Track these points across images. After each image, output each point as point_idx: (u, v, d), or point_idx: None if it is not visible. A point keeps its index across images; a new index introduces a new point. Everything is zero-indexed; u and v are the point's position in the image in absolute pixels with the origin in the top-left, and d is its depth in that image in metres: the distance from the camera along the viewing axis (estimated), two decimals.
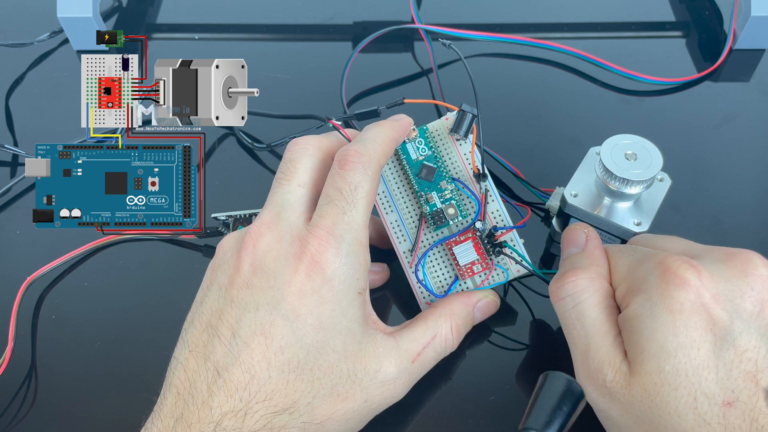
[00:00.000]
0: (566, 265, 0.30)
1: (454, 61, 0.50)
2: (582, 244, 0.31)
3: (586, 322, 0.28)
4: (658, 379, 0.25)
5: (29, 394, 0.35)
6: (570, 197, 0.35)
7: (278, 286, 0.27)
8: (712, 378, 0.24)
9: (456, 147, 0.34)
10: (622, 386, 0.26)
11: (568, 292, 0.28)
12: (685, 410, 0.24)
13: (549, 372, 0.29)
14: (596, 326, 0.27)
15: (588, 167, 0.36)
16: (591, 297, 0.28)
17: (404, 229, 0.34)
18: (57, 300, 0.38)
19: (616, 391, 0.26)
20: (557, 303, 0.29)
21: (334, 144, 0.32)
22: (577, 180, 0.36)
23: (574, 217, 0.36)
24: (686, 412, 0.24)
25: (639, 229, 0.34)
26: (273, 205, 0.30)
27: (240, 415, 0.25)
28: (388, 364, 0.28)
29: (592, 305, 0.28)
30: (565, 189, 0.36)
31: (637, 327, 0.26)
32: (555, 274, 0.30)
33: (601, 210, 0.35)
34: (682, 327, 0.25)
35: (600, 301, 0.28)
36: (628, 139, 0.34)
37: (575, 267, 0.29)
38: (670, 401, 0.24)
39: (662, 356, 0.25)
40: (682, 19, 0.53)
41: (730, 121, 0.46)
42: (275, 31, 0.55)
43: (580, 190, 0.36)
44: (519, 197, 0.42)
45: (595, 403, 0.27)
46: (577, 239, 0.31)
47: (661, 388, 0.25)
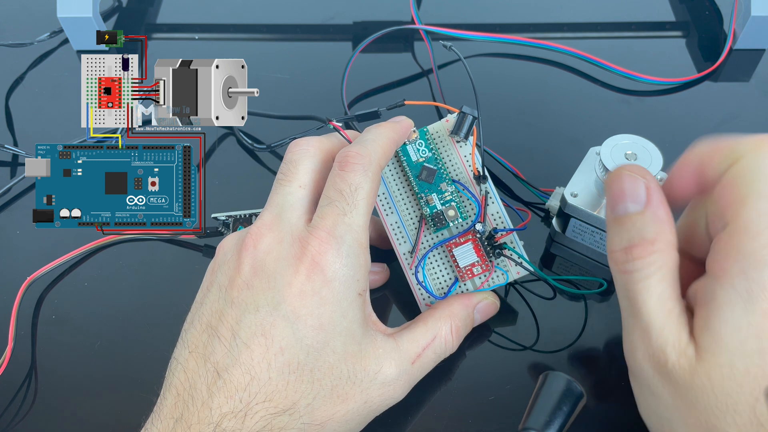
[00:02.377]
0: (628, 230, 0.26)
1: (455, 61, 0.50)
2: (643, 200, 0.26)
3: (651, 297, 0.25)
4: (727, 373, 0.24)
5: (29, 394, 0.35)
6: (570, 197, 0.35)
7: (278, 287, 0.27)
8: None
9: (456, 149, 0.34)
10: (685, 371, 0.24)
11: (636, 267, 0.26)
12: (743, 408, 0.23)
13: (549, 372, 0.29)
14: (662, 303, 0.25)
15: (588, 167, 0.36)
16: (660, 271, 0.25)
17: (404, 231, 0.34)
18: (57, 300, 0.38)
19: (676, 373, 0.25)
20: (621, 275, 0.26)
21: (335, 145, 0.32)
22: (577, 180, 0.36)
23: (574, 217, 0.36)
24: (744, 409, 0.23)
25: None
26: (274, 206, 0.30)
27: (240, 416, 0.25)
28: (388, 365, 0.28)
29: (659, 280, 0.25)
30: (565, 189, 0.36)
31: (722, 315, 0.24)
32: (614, 239, 0.27)
33: (600, 210, 0.35)
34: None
35: (668, 275, 0.26)
36: (628, 139, 0.34)
37: (643, 238, 0.26)
38: (731, 396, 0.24)
39: (738, 354, 0.24)
40: (682, 19, 0.53)
41: (730, 121, 0.46)
42: (275, 31, 0.55)
43: (580, 190, 0.35)
44: (519, 197, 0.42)
45: (647, 380, 0.26)
46: (636, 193, 0.26)
47: (727, 383, 0.24)
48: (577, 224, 0.36)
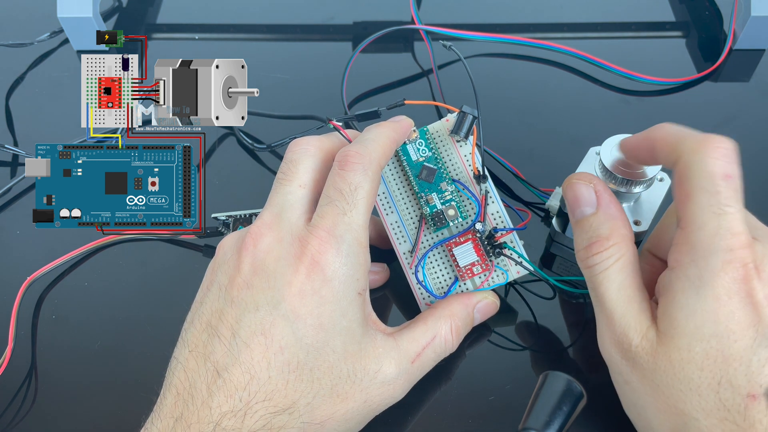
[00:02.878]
0: (585, 229, 0.29)
1: (455, 61, 0.50)
2: (593, 202, 0.29)
3: (611, 287, 0.28)
4: (686, 356, 0.25)
5: (29, 394, 0.35)
6: None
7: (278, 286, 0.27)
8: (742, 370, 0.24)
9: (456, 148, 0.34)
10: (647, 353, 0.26)
11: (596, 261, 0.28)
12: (707, 391, 0.24)
13: (549, 372, 0.29)
14: (622, 291, 0.28)
15: (588, 167, 0.36)
16: (617, 262, 0.28)
17: (404, 230, 0.34)
18: (57, 300, 0.38)
19: (640, 356, 0.26)
20: (586, 270, 0.29)
21: (335, 145, 0.32)
22: None
23: None
24: (708, 393, 0.24)
25: (638, 229, 0.34)
26: (274, 206, 0.30)
27: (239, 415, 0.25)
28: (387, 364, 0.28)
29: (617, 270, 0.28)
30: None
31: (678, 301, 0.26)
32: (577, 239, 0.30)
33: None
34: (725, 317, 0.25)
35: (626, 266, 0.28)
36: None
37: (599, 236, 0.28)
38: (693, 379, 0.25)
39: (695, 338, 0.25)
40: (682, 19, 0.53)
41: (730, 121, 0.46)
42: (275, 31, 0.55)
43: None
44: (519, 197, 0.42)
45: (617, 366, 0.28)
46: (586, 197, 0.30)
47: (687, 365, 0.25)
48: None
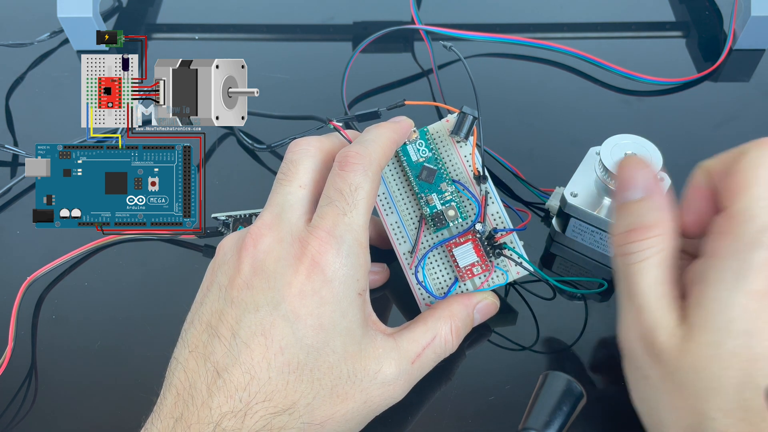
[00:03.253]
0: (629, 214, 0.27)
1: (455, 61, 0.50)
2: (645, 187, 0.28)
3: (645, 280, 0.26)
4: (713, 353, 0.24)
5: (29, 394, 0.35)
6: (570, 197, 0.35)
7: (278, 287, 0.27)
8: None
9: (456, 149, 0.34)
10: (673, 351, 0.25)
11: (633, 249, 0.27)
12: (729, 391, 0.24)
13: (549, 372, 0.29)
14: (656, 286, 0.26)
15: (588, 167, 0.36)
16: (657, 256, 0.26)
17: (404, 231, 0.34)
18: (57, 300, 0.38)
19: (664, 353, 0.25)
20: (620, 258, 0.27)
21: (336, 145, 0.32)
22: (577, 180, 0.36)
23: (574, 217, 0.36)
24: (730, 392, 0.24)
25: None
26: (274, 206, 0.30)
27: (240, 415, 0.25)
28: (387, 365, 0.28)
29: (655, 264, 0.26)
30: (565, 189, 0.36)
31: (712, 293, 0.25)
32: (617, 223, 0.28)
33: (601, 210, 0.35)
34: (758, 315, 0.24)
35: (664, 260, 0.26)
36: (628, 139, 0.34)
37: (642, 224, 0.27)
38: (717, 377, 0.24)
39: (726, 333, 0.24)
40: (682, 19, 0.53)
41: (730, 121, 0.46)
42: (275, 31, 0.55)
43: (580, 190, 0.35)
44: (519, 197, 0.42)
45: (637, 361, 0.27)
46: (637, 182, 0.28)
47: (712, 363, 0.24)
48: (577, 224, 0.36)
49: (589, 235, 0.37)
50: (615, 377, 0.33)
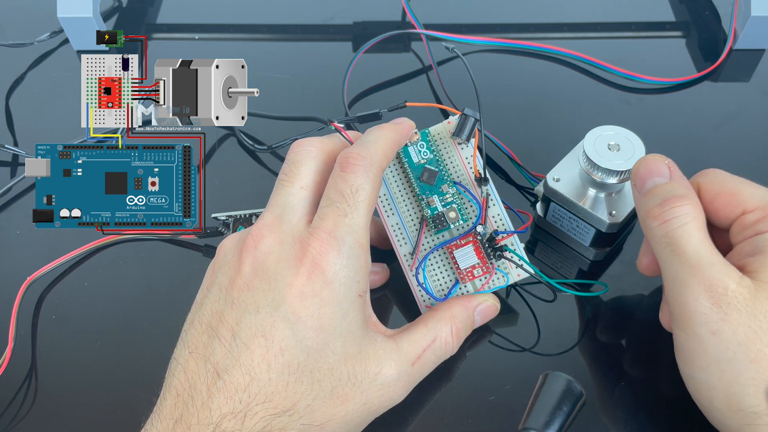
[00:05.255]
0: (660, 193, 0.29)
1: (454, 58, 0.50)
2: (667, 174, 0.30)
3: (694, 239, 0.28)
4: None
5: (29, 394, 0.35)
6: (552, 181, 0.35)
7: (279, 288, 0.27)
8: None
9: (458, 151, 0.34)
10: (746, 297, 0.26)
11: (674, 214, 0.28)
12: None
13: (549, 372, 0.29)
14: (705, 245, 0.28)
15: (575, 156, 0.37)
16: (695, 220, 0.28)
17: (405, 232, 0.34)
18: (57, 300, 0.38)
19: (737, 300, 0.26)
20: (661, 227, 0.29)
21: (337, 146, 0.32)
22: (563, 166, 0.36)
23: (554, 202, 0.36)
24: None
25: (613, 221, 0.34)
26: (275, 207, 0.30)
27: (239, 416, 0.25)
28: (388, 366, 0.28)
29: (696, 228, 0.28)
30: (549, 173, 0.36)
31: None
32: (647, 203, 0.30)
33: (586, 201, 0.35)
34: None
35: (702, 227, 0.28)
36: (612, 130, 0.34)
37: (675, 194, 0.29)
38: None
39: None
40: (682, 19, 0.53)
41: (730, 121, 0.46)
42: (275, 31, 0.55)
43: (563, 176, 0.36)
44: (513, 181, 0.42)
45: (704, 317, 0.27)
46: (660, 169, 0.30)
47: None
48: (557, 209, 0.36)
49: (567, 221, 0.37)
50: (615, 377, 0.34)
